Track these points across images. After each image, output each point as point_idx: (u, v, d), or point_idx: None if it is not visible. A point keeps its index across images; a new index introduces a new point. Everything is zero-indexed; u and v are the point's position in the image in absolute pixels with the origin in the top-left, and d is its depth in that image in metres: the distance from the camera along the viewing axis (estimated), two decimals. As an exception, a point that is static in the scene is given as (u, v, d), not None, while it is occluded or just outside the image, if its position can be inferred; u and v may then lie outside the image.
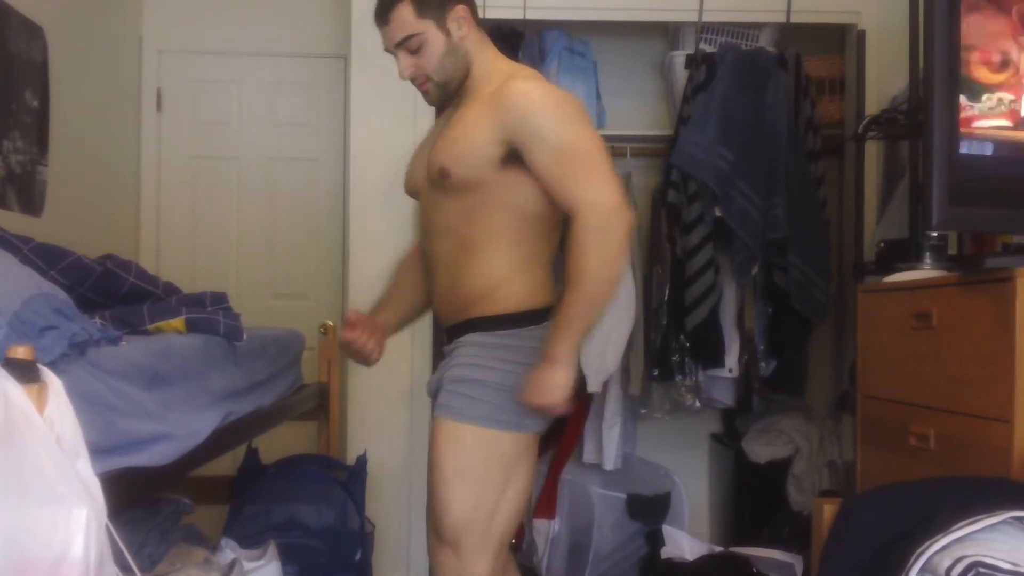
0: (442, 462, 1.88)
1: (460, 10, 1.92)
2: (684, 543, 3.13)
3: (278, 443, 2.90)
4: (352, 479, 2.77)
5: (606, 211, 1.77)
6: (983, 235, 2.35)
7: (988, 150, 1.83)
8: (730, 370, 3.15)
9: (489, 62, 1.97)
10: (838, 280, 3.28)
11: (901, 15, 2.61)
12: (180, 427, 1.55)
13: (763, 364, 3.19)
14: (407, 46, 1.91)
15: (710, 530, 3.65)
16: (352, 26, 3.26)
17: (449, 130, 1.94)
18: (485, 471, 1.88)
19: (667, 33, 3.59)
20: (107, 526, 1.04)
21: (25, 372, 1.02)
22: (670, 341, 3.15)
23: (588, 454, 3.37)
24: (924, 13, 1.92)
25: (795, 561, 2.92)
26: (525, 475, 1.92)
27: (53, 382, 1.05)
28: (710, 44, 3.29)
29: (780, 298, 3.09)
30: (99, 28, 3.30)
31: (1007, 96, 1.85)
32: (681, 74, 3.29)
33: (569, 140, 1.82)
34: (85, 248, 2.01)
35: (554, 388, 1.79)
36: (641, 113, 3.60)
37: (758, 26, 3.35)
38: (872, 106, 3.03)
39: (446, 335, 2.02)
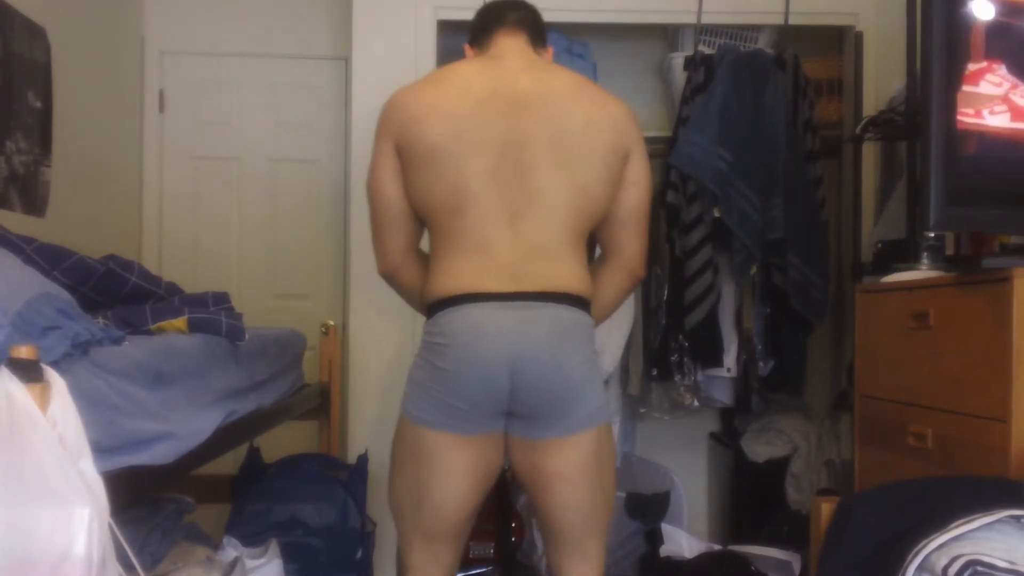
0: None
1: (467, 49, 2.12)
2: (683, 541, 3.14)
3: (279, 442, 2.91)
4: (353, 478, 2.78)
5: None
6: (980, 235, 2.36)
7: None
8: (728, 370, 3.15)
9: None
10: (836, 280, 3.29)
11: (899, 16, 2.62)
12: (182, 426, 1.56)
13: (762, 364, 3.19)
14: None
15: (709, 529, 3.66)
16: (353, 28, 3.27)
17: None
18: (395, 456, 1.94)
19: (666, 35, 3.60)
20: (109, 525, 1.04)
21: (28, 372, 1.03)
22: (669, 341, 3.16)
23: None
24: (922, 14, 1.93)
25: (793, 559, 2.93)
26: (433, 474, 1.84)
27: (56, 382, 1.05)
28: (709, 46, 3.30)
29: (779, 298, 3.09)
30: (101, 29, 3.31)
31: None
32: (680, 75, 3.30)
33: None
34: (88, 248, 2.02)
35: None
36: (640, 114, 3.55)
37: (757, 28, 3.36)
38: (870, 107, 3.04)
39: None
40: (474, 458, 1.83)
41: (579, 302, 1.85)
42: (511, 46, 2.00)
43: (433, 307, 1.86)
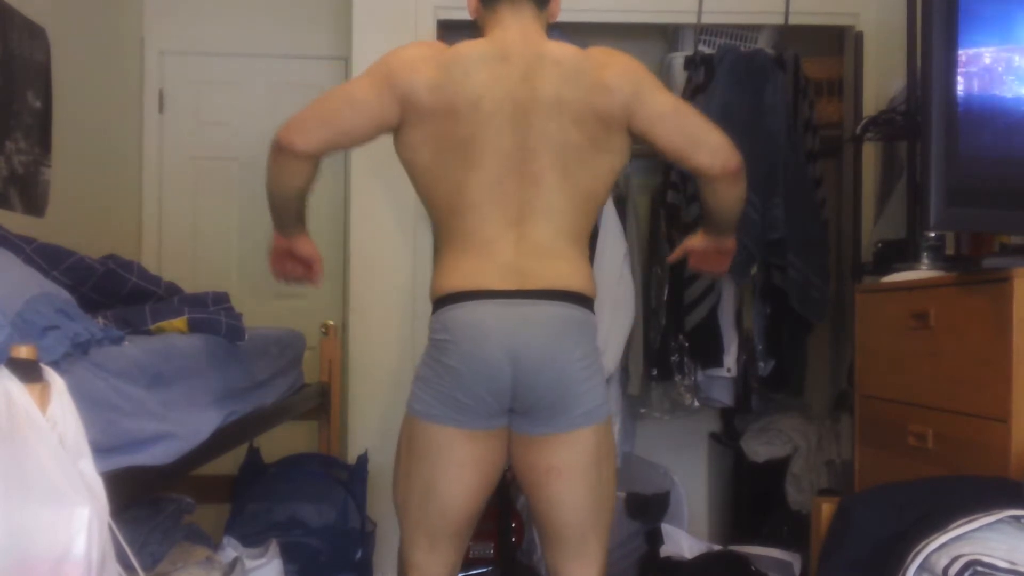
0: None
1: None
2: (683, 542, 3.14)
3: (279, 442, 2.91)
4: (353, 478, 2.78)
5: None
6: (981, 235, 2.36)
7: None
8: (729, 370, 3.15)
9: None
10: (836, 280, 3.29)
11: (899, 16, 2.62)
12: (182, 426, 1.56)
13: (762, 364, 3.19)
14: None
15: (709, 529, 3.66)
16: (353, 28, 3.27)
17: None
18: (401, 454, 1.92)
19: (666, 35, 3.60)
20: (109, 525, 1.04)
21: (28, 372, 1.03)
22: (669, 341, 3.16)
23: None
24: (922, 14, 1.93)
25: (794, 560, 2.93)
26: (441, 468, 1.83)
27: (56, 382, 1.05)
28: (709, 46, 3.30)
29: (779, 298, 3.09)
30: (101, 29, 3.31)
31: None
32: (680, 75, 3.30)
33: None
34: (87, 248, 2.02)
35: None
36: (641, 114, 3.60)
37: (757, 28, 3.36)
38: (870, 107, 3.04)
39: None
40: (480, 452, 1.84)
41: (581, 299, 1.86)
42: (515, 31, 1.92)
43: (436, 303, 1.87)
